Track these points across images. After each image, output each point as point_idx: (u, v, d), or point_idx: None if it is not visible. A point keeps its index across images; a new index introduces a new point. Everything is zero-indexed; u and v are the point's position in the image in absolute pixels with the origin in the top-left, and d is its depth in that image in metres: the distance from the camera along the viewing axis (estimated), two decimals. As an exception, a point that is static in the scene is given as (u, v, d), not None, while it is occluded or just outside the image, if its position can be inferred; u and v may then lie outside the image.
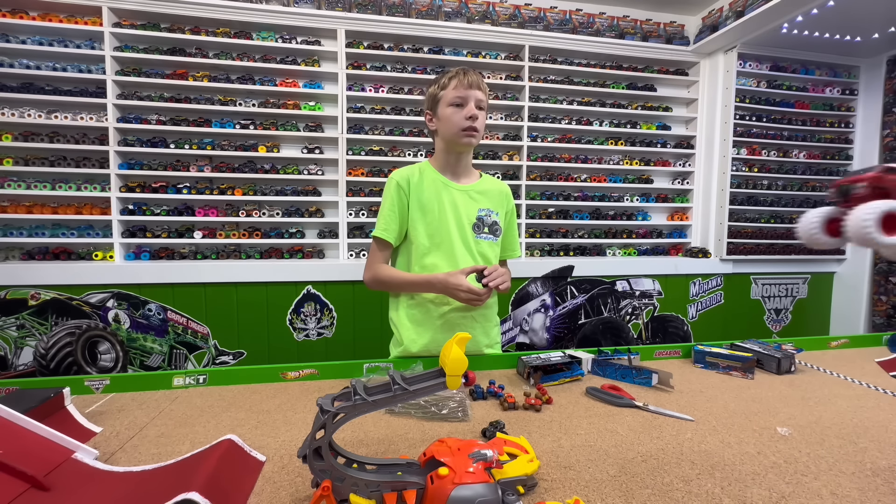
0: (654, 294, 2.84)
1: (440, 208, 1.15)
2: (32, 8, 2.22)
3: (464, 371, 0.54)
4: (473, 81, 1.09)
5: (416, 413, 0.80)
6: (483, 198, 1.20)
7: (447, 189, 1.17)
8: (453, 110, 1.09)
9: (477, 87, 1.09)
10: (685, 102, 3.02)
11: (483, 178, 1.24)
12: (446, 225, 1.15)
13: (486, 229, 1.19)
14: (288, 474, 0.61)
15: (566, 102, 2.80)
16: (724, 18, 2.64)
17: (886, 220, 0.35)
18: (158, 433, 0.73)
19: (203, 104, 2.38)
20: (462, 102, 1.09)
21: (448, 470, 0.50)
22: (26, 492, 0.52)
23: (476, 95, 1.09)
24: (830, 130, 3.01)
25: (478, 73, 1.12)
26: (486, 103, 1.13)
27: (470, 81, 1.09)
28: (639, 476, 0.61)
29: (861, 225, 0.35)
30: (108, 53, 2.23)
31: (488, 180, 1.24)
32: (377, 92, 2.54)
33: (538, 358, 1.02)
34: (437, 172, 1.18)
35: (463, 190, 1.18)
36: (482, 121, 1.11)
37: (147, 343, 2.29)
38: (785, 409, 0.85)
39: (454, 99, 1.09)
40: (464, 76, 1.09)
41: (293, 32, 2.46)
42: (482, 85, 1.11)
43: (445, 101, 1.11)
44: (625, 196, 2.91)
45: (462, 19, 2.57)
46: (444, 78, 1.12)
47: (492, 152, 2.72)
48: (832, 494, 0.57)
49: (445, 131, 1.12)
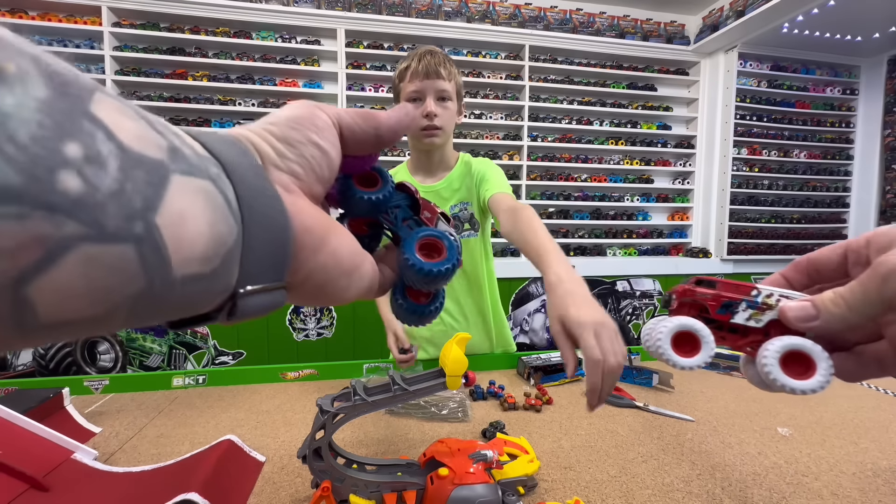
0: (655, 294, 2.84)
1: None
2: (32, 7, 2.22)
3: (464, 371, 0.53)
4: (431, 69, 0.90)
5: (415, 413, 0.80)
6: (455, 193, 1.06)
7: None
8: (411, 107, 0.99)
9: (436, 76, 0.91)
10: (686, 102, 3.02)
11: (456, 165, 1.07)
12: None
13: (466, 225, 1.08)
14: (287, 475, 0.61)
15: (566, 102, 2.80)
16: (724, 18, 2.63)
17: (679, 338, 0.28)
18: (158, 433, 0.73)
19: (202, 104, 2.38)
20: (419, 97, 0.92)
21: (448, 470, 0.50)
22: (26, 492, 0.52)
23: (436, 86, 0.91)
24: (831, 130, 3.01)
25: (440, 54, 0.93)
26: (455, 90, 0.95)
27: (427, 69, 0.90)
28: (639, 476, 0.61)
29: (653, 340, 0.30)
30: (107, 53, 2.23)
31: (459, 168, 1.07)
32: (377, 92, 2.53)
33: (538, 358, 1.01)
34: (410, 175, 1.08)
35: (433, 190, 1.05)
36: (447, 116, 0.94)
37: (146, 343, 2.29)
38: (786, 410, 0.85)
39: (410, 94, 0.93)
40: (417, 62, 0.90)
41: (293, 32, 2.46)
42: (443, 70, 0.91)
43: (403, 94, 0.94)
44: (625, 196, 2.91)
45: (462, 19, 2.57)
46: (401, 64, 0.95)
47: (492, 152, 2.72)
48: (833, 495, 0.57)
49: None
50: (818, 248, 0.27)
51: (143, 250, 0.12)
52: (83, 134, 0.11)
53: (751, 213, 2.97)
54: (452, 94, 0.95)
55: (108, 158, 0.11)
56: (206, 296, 0.15)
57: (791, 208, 3.03)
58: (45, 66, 0.11)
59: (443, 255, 0.23)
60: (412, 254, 0.22)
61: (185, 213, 0.13)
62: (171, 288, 0.13)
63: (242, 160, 0.16)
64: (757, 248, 2.91)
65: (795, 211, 3.04)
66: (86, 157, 0.11)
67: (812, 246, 3.00)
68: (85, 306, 0.11)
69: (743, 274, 2.94)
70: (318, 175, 0.19)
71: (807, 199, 3.06)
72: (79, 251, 0.11)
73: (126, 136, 0.12)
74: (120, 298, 0.12)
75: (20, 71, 0.10)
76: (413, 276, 0.22)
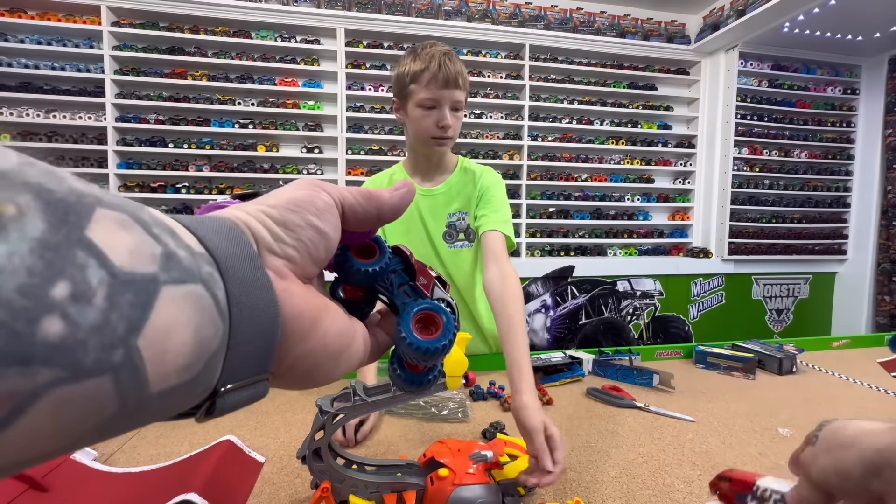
0: (655, 294, 2.84)
1: (410, 218, 1.00)
2: (31, 7, 2.22)
3: (464, 372, 0.53)
4: (451, 78, 0.85)
5: (416, 414, 0.80)
6: (454, 200, 0.99)
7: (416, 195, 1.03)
8: (423, 113, 0.88)
9: (455, 86, 0.87)
10: (686, 102, 3.01)
11: (456, 170, 1.02)
12: (417, 238, 1.01)
13: (461, 235, 1.00)
14: (287, 475, 0.61)
15: (567, 102, 2.80)
16: (725, 17, 2.63)
17: None
18: (157, 434, 0.73)
19: (202, 103, 2.37)
20: (435, 105, 0.88)
21: (448, 471, 0.50)
22: (25, 492, 0.52)
23: (453, 97, 0.88)
24: (832, 130, 3.01)
25: (456, 58, 0.88)
26: (466, 98, 0.92)
27: (447, 78, 0.85)
28: (640, 477, 0.61)
29: None
30: (106, 52, 2.23)
31: (459, 173, 1.01)
32: (377, 91, 2.53)
33: (539, 359, 1.01)
34: (408, 175, 1.03)
35: (430, 195, 1.00)
36: (457, 125, 0.92)
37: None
38: (786, 410, 0.84)
39: (425, 101, 0.87)
40: (439, 70, 0.85)
41: (292, 31, 2.46)
42: (461, 79, 0.87)
43: (415, 98, 0.89)
44: (626, 196, 2.90)
45: (462, 18, 2.57)
46: (414, 63, 0.87)
47: (492, 152, 2.72)
48: (835, 496, 0.57)
49: (413, 132, 0.93)
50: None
51: (119, 378, 0.11)
52: (74, 268, 0.11)
53: (751, 213, 2.97)
54: (463, 107, 0.92)
55: (97, 290, 0.11)
56: (183, 402, 0.15)
57: (792, 208, 3.02)
58: (45, 197, 0.11)
59: (439, 330, 0.23)
60: (409, 331, 0.22)
61: (171, 326, 0.13)
62: (147, 404, 0.13)
63: (236, 250, 0.16)
64: (758, 248, 2.91)
65: (796, 211, 3.04)
66: (72, 296, 0.10)
67: (813, 246, 3.00)
68: (51, 444, 0.11)
69: (743, 274, 2.94)
70: (313, 257, 0.19)
71: (807, 199, 3.05)
72: (50, 396, 0.10)
73: (118, 257, 0.12)
74: (88, 427, 0.12)
75: (19, 211, 0.10)
76: (409, 352, 0.22)
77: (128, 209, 0.13)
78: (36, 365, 0.10)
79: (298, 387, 0.21)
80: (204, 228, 0.16)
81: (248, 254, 0.17)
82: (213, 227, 0.16)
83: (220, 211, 0.18)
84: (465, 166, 1.03)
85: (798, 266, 3.04)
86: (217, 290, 0.15)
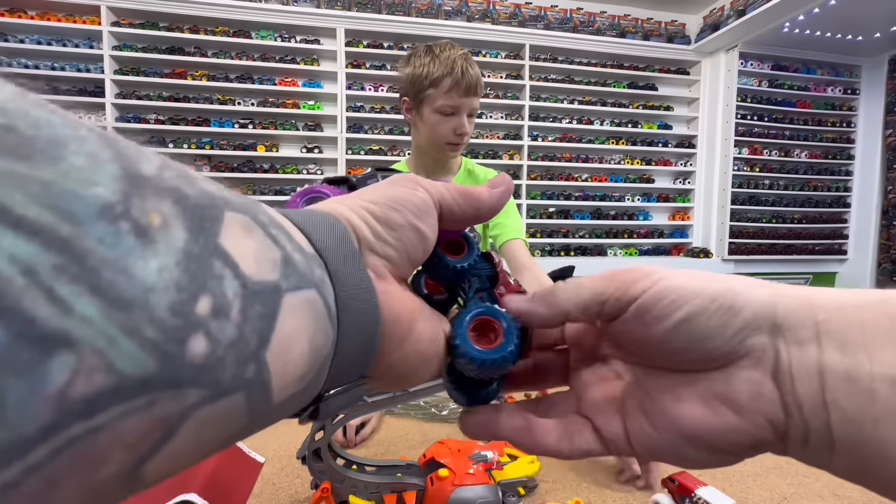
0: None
1: None
2: (31, 7, 2.22)
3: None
4: (472, 86, 0.87)
5: (416, 414, 0.80)
6: None
7: None
8: (439, 119, 0.88)
9: (474, 93, 0.88)
10: (686, 102, 3.01)
11: (460, 172, 1.01)
12: None
13: None
14: (287, 475, 0.61)
15: (567, 101, 2.80)
16: (725, 17, 2.63)
17: None
18: (157, 434, 0.73)
19: (202, 103, 2.37)
20: (454, 112, 0.88)
21: (448, 471, 0.50)
22: (23, 493, 0.52)
23: (472, 104, 0.89)
24: (832, 130, 3.01)
25: (475, 64, 0.89)
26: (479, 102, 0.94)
27: (469, 86, 0.86)
28: (640, 477, 0.61)
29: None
30: (106, 52, 2.23)
31: (464, 175, 1.01)
32: (377, 91, 2.53)
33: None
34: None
35: None
36: (471, 129, 0.93)
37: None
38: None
39: (444, 107, 0.88)
40: (462, 77, 0.86)
41: (292, 31, 2.46)
42: (480, 87, 0.89)
43: (432, 103, 0.88)
44: (626, 196, 2.90)
45: (462, 18, 2.57)
46: (433, 66, 0.87)
47: (492, 151, 2.72)
48: (834, 496, 0.57)
49: (426, 136, 0.93)
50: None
51: (251, 394, 0.11)
52: (214, 280, 0.10)
53: (752, 213, 2.97)
54: (475, 113, 0.93)
55: (233, 303, 0.11)
56: (293, 409, 0.14)
57: (792, 208, 3.02)
58: (183, 203, 0.10)
59: (499, 340, 0.20)
60: (464, 339, 0.20)
61: (292, 336, 0.12)
62: (267, 416, 0.13)
63: (341, 248, 0.16)
64: (758, 248, 2.91)
65: (796, 211, 3.04)
66: (213, 312, 0.10)
67: (813, 246, 3.00)
68: (186, 462, 0.11)
69: (744, 274, 2.93)
70: (411, 259, 0.18)
71: (808, 199, 3.05)
72: (195, 417, 0.10)
73: (248, 265, 0.11)
74: (218, 443, 0.12)
75: (163, 221, 0.09)
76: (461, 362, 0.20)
77: (249, 210, 0.12)
78: (185, 387, 0.10)
79: (391, 389, 0.20)
80: (311, 226, 0.15)
81: (351, 252, 0.16)
82: (319, 224, 0.16)
83: (319, 204, 0.17)
84: (469, 168, 1.02)
85: (798, 266, 3.04)
86: (328, 294, 0.14)
